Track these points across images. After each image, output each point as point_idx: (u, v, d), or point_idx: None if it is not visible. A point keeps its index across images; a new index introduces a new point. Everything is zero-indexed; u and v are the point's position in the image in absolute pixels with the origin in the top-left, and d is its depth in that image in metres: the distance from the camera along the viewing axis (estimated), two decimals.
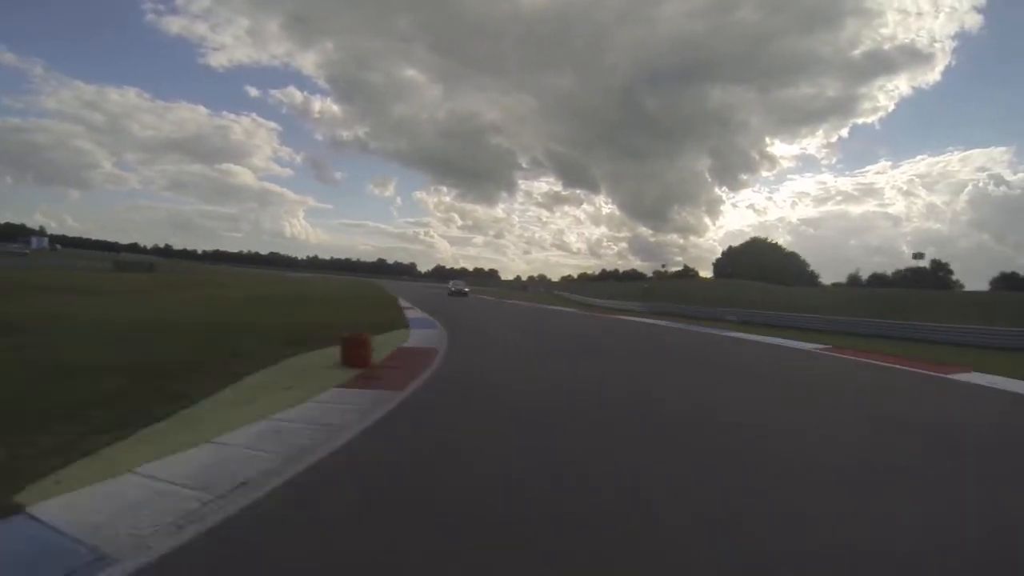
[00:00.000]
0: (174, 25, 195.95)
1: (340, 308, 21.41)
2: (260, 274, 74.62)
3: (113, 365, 6.95)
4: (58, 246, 63.03)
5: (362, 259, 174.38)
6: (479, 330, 17.01)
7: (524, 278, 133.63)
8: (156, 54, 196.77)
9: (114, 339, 9.42)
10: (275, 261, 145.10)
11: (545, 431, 5.32)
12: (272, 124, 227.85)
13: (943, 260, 64.09)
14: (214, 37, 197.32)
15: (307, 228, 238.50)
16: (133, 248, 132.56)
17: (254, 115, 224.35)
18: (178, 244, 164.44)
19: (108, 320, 12.41)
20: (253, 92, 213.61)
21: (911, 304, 35.94)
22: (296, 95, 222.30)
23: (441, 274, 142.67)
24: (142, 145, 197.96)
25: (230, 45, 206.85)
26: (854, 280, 73.43)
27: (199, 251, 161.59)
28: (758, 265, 62.76)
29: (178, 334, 10.61)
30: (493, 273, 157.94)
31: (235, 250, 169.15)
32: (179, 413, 5.23)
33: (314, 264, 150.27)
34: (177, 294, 24.86)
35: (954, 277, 68.19)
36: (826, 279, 79.82)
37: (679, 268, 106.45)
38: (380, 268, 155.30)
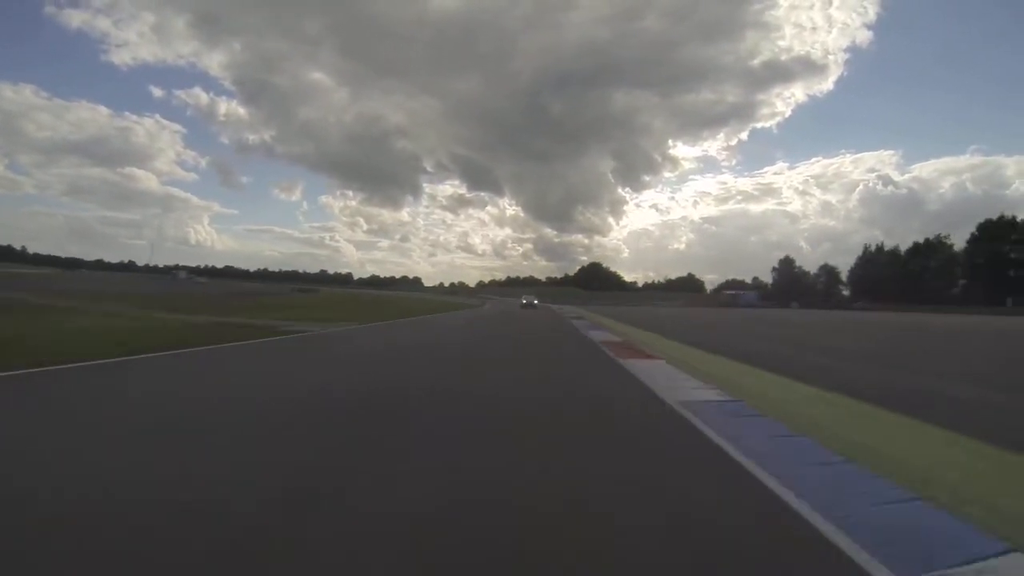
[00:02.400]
0: (75, 19, 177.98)
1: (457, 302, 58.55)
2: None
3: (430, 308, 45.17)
4: (183, 274, 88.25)
5: (307, 271, 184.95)
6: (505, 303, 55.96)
7: (447, 284, 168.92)
8: (55, 49, 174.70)
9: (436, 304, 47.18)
10: (228, 273, 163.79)
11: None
12: (176, 126, 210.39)
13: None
14: (117, 33, 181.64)
15: (212, 234, 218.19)
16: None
17: (158, 116, 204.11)
18: (79, 253, 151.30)
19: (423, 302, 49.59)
20: (157, 92, 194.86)
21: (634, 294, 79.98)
22: (202, 96, 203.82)
23: (377, 283, 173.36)
24: (38, 147, 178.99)
25: (134, 42, 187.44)
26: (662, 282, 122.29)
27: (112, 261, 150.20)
28: (596, 278, 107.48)
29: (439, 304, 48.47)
30: (417, 280, 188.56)
31: (136, 259, 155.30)
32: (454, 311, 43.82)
33: (265, 276, 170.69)
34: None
35: (702, 280, 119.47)
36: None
37: (562, 276, 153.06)
38: (322, 279, 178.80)
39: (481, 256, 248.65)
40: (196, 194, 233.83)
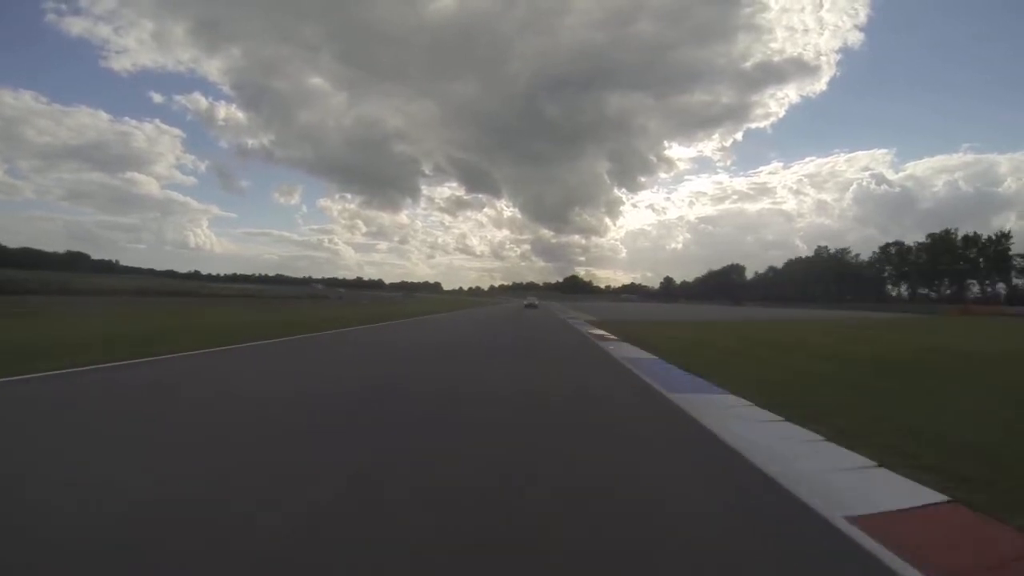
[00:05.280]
0: (76, 26, 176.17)
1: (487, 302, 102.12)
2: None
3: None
4: (319, 285, 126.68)
5: (345, 276, 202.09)
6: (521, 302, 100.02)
7: (467, 288, 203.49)
8: (56, 56, 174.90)
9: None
10: (280, 280, 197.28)
11: None
12: (176, 131, 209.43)
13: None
14: (117, 40, 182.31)
15: (211, 237, 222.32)
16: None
17: (158, 121, 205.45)
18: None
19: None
20: (157, 98, 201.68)
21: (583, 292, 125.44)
22: (201, 101, 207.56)
23: (408, 287, 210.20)
24: (38, 152, 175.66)
25: (134, 48, 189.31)
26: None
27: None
28: (575, 285, 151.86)
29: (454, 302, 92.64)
30: (437, 285, 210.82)
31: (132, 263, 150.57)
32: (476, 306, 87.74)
33: (310, 282, 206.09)
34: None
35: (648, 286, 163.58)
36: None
37: (555, 282, 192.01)
38: (357, 284, 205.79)
39: (479, 257, 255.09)
40: (195, 198, 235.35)
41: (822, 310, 59.88)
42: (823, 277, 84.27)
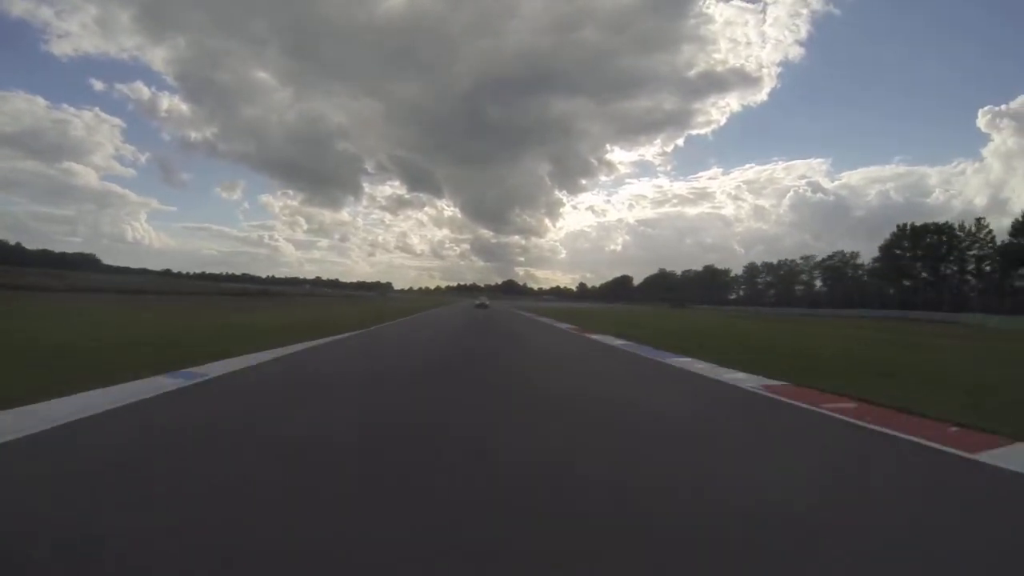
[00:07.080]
0: (16, 7, 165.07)
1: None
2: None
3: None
4: (308, 286, 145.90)
5: (287, 273, 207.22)
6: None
7: (416, 288, 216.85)
8: None
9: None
10: (249, 279, 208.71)
11: None
12: (116, 120, 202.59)
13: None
14: (59, 24, 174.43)
15: (150, 232, 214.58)
16: None
17: (97, 110, 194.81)
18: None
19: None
20: (98, 85, 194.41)
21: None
22: (143, 91, 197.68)
23: (366, 287, 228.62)
24: None
25: (76, 33, 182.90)
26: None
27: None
28: (512, 288, 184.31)
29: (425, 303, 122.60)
30: (388, 285, 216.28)
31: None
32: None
33: (277, 282, 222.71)
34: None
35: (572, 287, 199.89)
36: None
37: (494, 284, 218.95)
38: (320, 283, 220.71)
39: (419, 256, 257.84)
40: (135, 190, 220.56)
41: (640, 305, 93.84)
42: (662, 287, 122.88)
